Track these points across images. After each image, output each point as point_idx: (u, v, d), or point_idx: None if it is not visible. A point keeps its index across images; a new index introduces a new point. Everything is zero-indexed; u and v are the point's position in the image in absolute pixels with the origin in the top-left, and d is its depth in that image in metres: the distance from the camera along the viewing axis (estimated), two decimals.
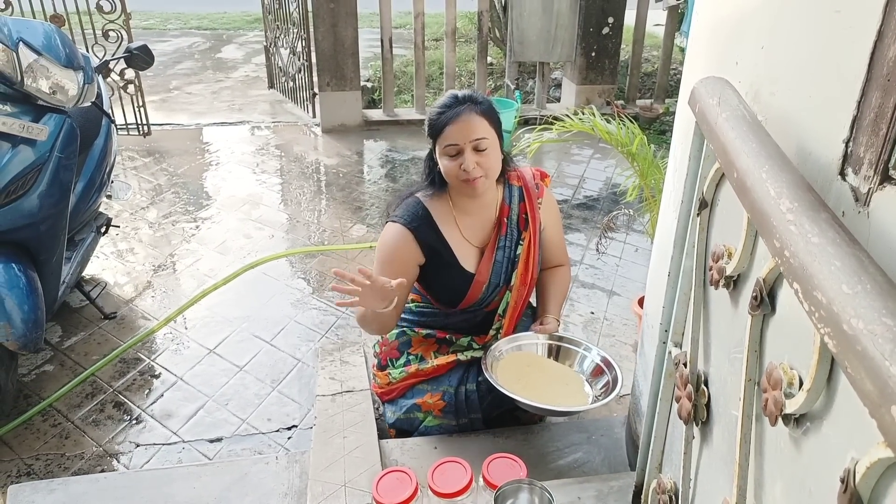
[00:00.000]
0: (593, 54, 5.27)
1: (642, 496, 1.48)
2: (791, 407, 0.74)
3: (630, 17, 5.38)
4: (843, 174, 0.97)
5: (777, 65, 1.11)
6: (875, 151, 0.91)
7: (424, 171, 1.89)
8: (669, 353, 1.28)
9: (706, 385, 1.13)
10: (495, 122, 1.77)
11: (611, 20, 5.19)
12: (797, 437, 0.77)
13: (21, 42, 2.06)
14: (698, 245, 1.14)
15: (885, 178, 0.89)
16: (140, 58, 2.76)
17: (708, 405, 1.12)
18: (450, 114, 1.72)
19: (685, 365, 1.16)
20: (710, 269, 1.05)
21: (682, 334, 1.25)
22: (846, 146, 0.96)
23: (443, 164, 1.77)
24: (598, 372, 1.83)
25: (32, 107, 2.13)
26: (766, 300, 0.85)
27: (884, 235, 0.88)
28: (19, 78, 2.05)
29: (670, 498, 1.26)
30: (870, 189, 0.91)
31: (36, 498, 1.67)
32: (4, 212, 2.06)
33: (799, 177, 0.82)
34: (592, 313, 2.89)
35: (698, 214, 1.14)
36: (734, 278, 1.00)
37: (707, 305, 1.14)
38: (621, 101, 5.52)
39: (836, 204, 1.00)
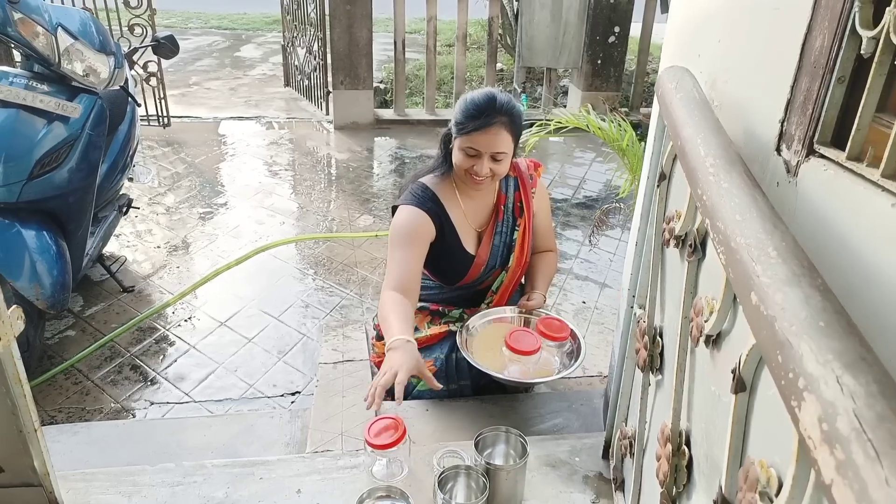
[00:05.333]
0: (599, 62, 5.43)
1: (611, 449, 1.63)
2: (707, 329, 0.89)
3: (636, 29, 5.54)
4: (778, 150, 1.13)
5: (730, 56, 1.27)
6: (804, 129, 1.07)
7: (439, 149, 2.01)
8: (635, 314, 1.43)
9: (661, 336, 1.28)
10: (517, 135, 1.90)
11: (617, 29, 5.35)
12: (712, 354, 0.92)
13: (60, 27, 2.24)
14: (658, 213, 1.30)
15: (811, 152, 1.05)
16: (167, 47, 2.94)
17: (661, 354, 1.27)
18: (482, 122, 1.82)
19: (644, 320, 1.31)
20: (664, 232, 1.20)
21: (646, 297, 1.40)
22: (781, 125, 1.12)
23: (456, 156, 1.90)
24: (563, 340, 1.98)
25: (67, 87, 2.32)
26: (698, 247, 1.01)
27: (809, 201, 1.03)
28: (57, 60, 2.24)
29: (630, 442, 1.41)
30: (798, 161, 1.07)
31: (62, 438, 1.84)
32: (38, 183, 2.24)
33: (727, 141, 0.98)
34: (584, 303, 3.03)
35: (658, 186, 1.29)
36: (682, 237, 1.15)
37: (664, 266, 1.29)
38: (625, 109, 5.67)
39: (773, 175, 1.16)
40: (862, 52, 0.97)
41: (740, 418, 0.76)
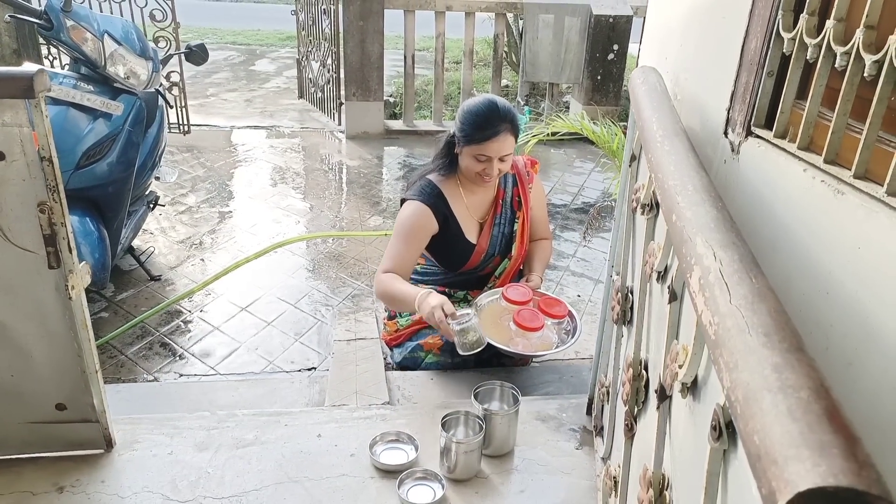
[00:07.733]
0: (599, 78, 5.69)
1: (593, 404, 1.84)
2: (656, 265, 1.12)
3: (634, 49, 5.82)
4: (725, 133, 1.37)
5: (689, 58, 1.51)
6: (743, 115, 1.31)
7: (442, 152, 2.22)
8: (612, 279, 1.66)
9: (632, 294, 1.50)
10: (517, 134, 2.15)
11: (616, 47, 5.61)
12: (662, 290, 1.15)
13: (106, 34, 2.50)
14: (630, 189, 1.53)
15: (749, 133, 1.29)
16: (198, 54, 3.20)
17: (632, 309, 1.50)
18: (490, 132, 2.05)
19: (618, 281, 1.54)
20: (632, 201, 1.43)
21: (621, 262, 1.63)
22: (727, 113, 1.36)
23: (467, 161, 2.12)
24: (562, 318, 2.20)
25: (109, 88, 2.58)
26: (654, 206, 1.24)
27: (747, 173, 1.27)
28: (103, 63, 2.50)
29: (607, 390, 1.63)
30: (739, 142, 1.31)
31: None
32: (83, 173, 2.49)
33: (676, 119, 1.21)
34: (579, 296, 3.25)
35: (630, 166, 1.52)
36: (645, 204, 1.38)
37: (634, 233, 1.52)
38: (624, 123, 5.92)
39: (722, 154, 1.40)
40: (784, 51, 1.21)
41: (674, 322, 0.98)
